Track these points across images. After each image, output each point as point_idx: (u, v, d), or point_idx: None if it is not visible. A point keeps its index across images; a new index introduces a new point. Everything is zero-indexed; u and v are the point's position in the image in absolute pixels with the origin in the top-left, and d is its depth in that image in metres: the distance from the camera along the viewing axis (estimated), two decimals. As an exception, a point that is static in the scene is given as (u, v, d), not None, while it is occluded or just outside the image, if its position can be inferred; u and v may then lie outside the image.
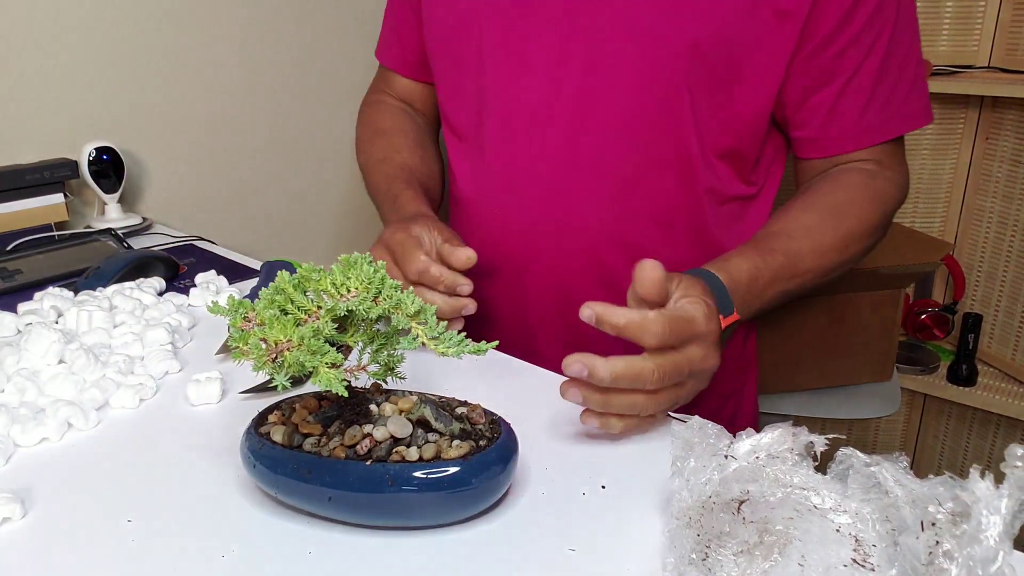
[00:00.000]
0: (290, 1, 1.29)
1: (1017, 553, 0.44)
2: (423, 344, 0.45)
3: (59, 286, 0.80)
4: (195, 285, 0.83)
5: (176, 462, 0.54)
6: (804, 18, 0.71)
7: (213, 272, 0.86)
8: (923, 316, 1.70)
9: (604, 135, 0.77)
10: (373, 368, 0.48)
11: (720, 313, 0.60)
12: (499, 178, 0.83)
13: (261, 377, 0.59)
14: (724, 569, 0.39)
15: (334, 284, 0.44)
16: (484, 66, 0.81)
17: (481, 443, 0.46)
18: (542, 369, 0.66)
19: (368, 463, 0.44)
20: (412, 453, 0.45)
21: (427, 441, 0.46)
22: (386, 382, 0.49)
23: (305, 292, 0.45)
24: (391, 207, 0.84)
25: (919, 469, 1.83)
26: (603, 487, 0.50)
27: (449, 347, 0.44)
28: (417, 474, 0.44)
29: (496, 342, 0.47)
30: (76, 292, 0.79)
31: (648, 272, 0.55)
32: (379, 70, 1.04)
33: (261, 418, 0.50)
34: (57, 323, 0.72)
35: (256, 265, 0.93)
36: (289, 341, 0.43)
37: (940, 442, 1.79)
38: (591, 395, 0.53)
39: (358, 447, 0.45)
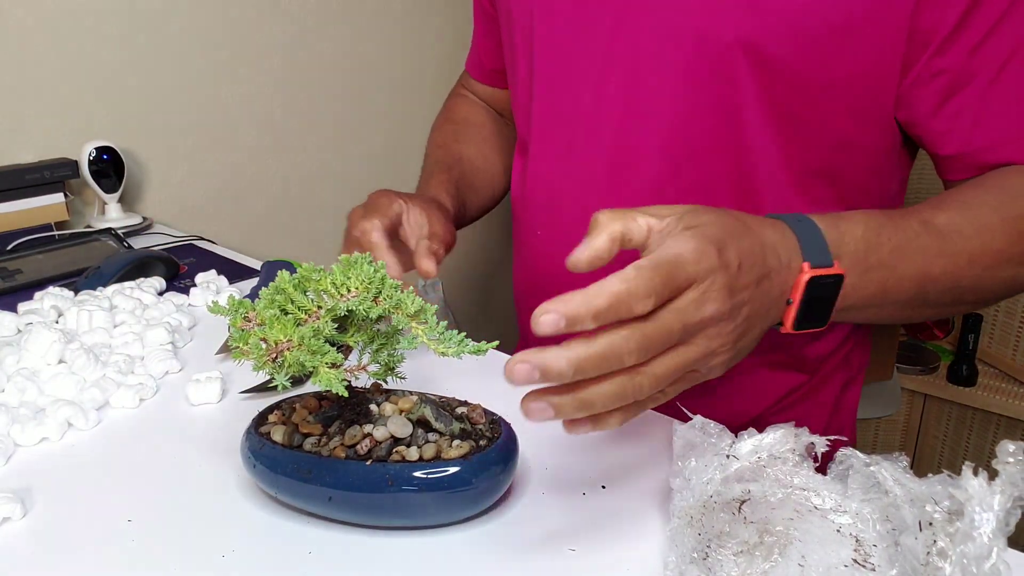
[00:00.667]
0: (289, 2, 1.29)
1: (1011, 551, 0.44)
2: (424, 344, 0.45)
3: (59, 286, 0.80)
4: (195, 285, 0.83)
5: (176, 462, 0.54)
6: (908, 16, 0.58)
7: (213, 272, 0.86)
8: (923, 316, 1.70)
9: (648, 149, 0.67)
10: (373, 368, 0.48)
11: (807, 260, 0.47)
12: (541, 200, 0.78)
13: (261, 377, 0.59)
14: (724, 569, 0.39)
15: (334, 284, 0.44)
16: (533, 73, 0.75)
17: (481, 443, 0.46)
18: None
19: (368, 463, 0.44)
20: (412, 453, 0.45)
21: (427, 441, 0.46)
22: (386, 382, 0.49)
23: (305, 292, 0.45)
24: (424, 183, 0.82)
25: (919, 469, 1.83)
26: (603, 487, 0.50)
27: (449, 347, 0.44)
28: (417, 474, 0.44)
29: (496, 342, 0.47)
30: (76, 292, 0.79)
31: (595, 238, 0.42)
32: (463, 76, 1.02)
33: (261, 418, 0.50)
34: (57, 323, 0.72)
35: (256, 265, 0.93)
36: (289, 341, 0.43)
37: (940, 442, 1.79)
38: (561, 401, 0.38)
39: (358, 447, 0.45)
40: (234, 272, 0.89)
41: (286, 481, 0.46)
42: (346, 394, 0.44)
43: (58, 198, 1.02)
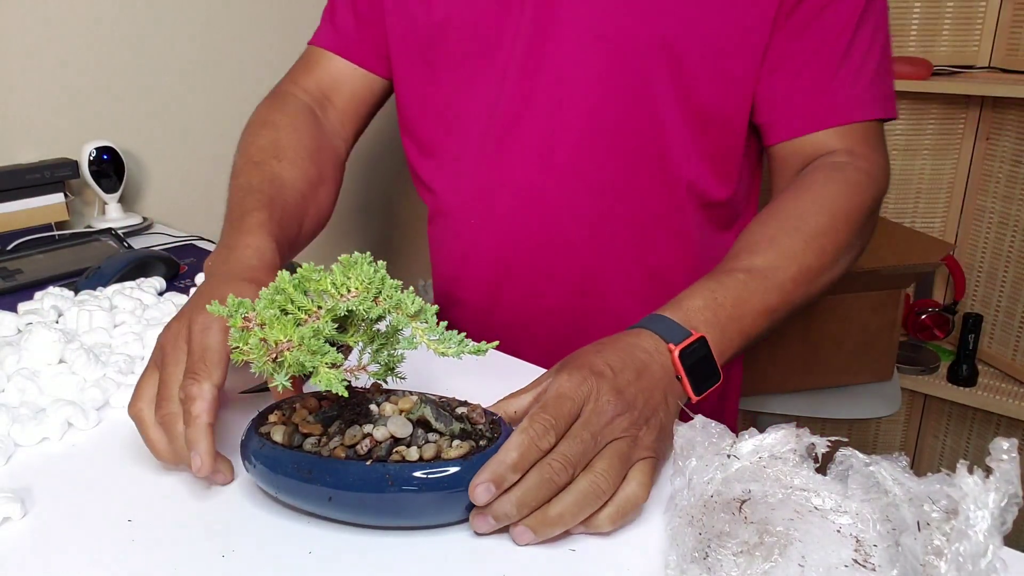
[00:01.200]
0: (289, 2, 1.29)
1: (1009, 550, 0.44)
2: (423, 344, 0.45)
3: (59, 286, 0.80)
4: (195, 285, 0.83)
5: (176, 462, 0.54)
6: (775, 9, 0.70)
7: (213, 272, 0.86)
8: (923, 316, 1.70)
9: (579, 138, 0.75)
10: (373, 368, 0.48)
11: (669, 342, 0.55)
12: (474, 189, 0.81)
13: (261, 377, 0.59)
14: (724, 569, 0.39)
15: (334, 284, 0.44)
16: (455, 76, 0.79)
17: (481, 443, 0.46)
18: (542, 370, 0.66)
19: (368, 463, 0.44)
20: (412, 453, 0.45)
21: (427, 441, 0.46)
22: (386, 382, 0.49)
23: (305, 292, 0.45)
24: (232, 228, 0.66)
25: (919, 469, 1.83)
26: (603, 487, 0.50)
27: (449, 347, 0.44)
28: (417, 474, 0.44)
29: (496, 342, 0.47)
30: (76, 292, 0.79)
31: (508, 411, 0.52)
32: (301, 61, 0.89)
33: (261, 418, 0.50)
34: (57, 323, 0.72)
35: (256, 265, 0.93)
36: (289, 341, 0.43)
37: (940, 442, 1.79)
38: (507, 505, 0.44)
39: (358, 447, 0.45)
40: (234, 272, 0.89)
41: (286, 481, 0.46)
42: (346, 394, 0.44)
43: (58, 198, 1.03)
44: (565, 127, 0.75)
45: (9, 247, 0.96)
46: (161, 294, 0.81)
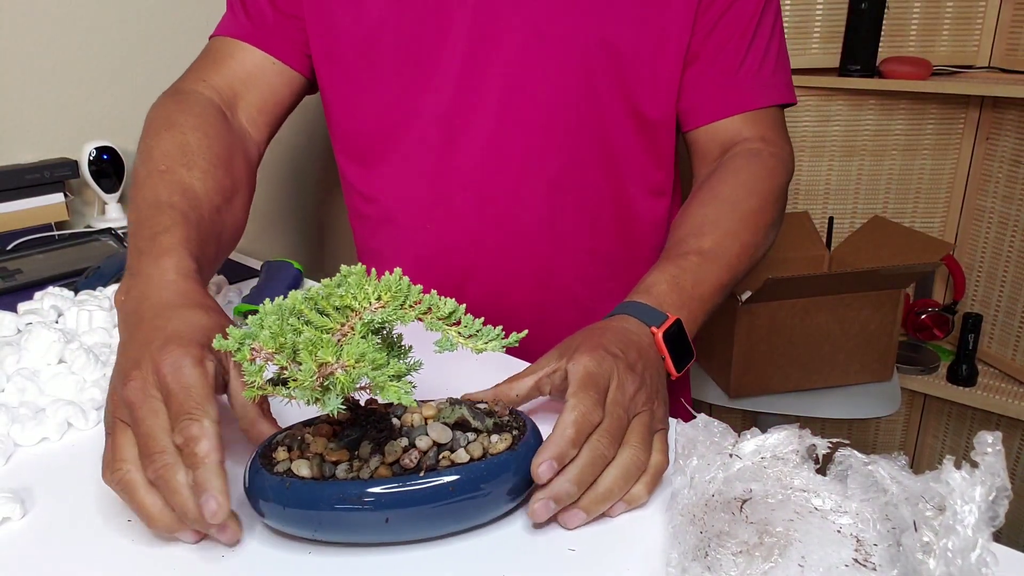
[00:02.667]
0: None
1: (1001, 546, 0.44)
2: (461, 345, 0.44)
3: (59, 286, 0.80)
4: (195, 285, 0.83)
5: (176, 462, 0.54)
6: (694, 10, 0.75)
7: (213, 272, 0.86)
8: (923, 316, 1.70)
9: (530, 135, 0.78)
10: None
11: (651, 325, 0.58)
12: (429, 195, 0.81)
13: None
14: (724, 568, 0.39)
15: (355, 298, 0.42)
16: (395, 81, 0.78)
17: (514, 433, 0.47)
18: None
19: (421, 474, 0.43)
20: (461, 455, 0.44)
21: (469, 441, 0.46)
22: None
23: (314, 308, 0.43)
24: (146, 251, 0.57)
25: (919, 469, 1.83)
26: (604, 487, 0.50)
27: (488, 343, 0.44)
28: (479, 473, 0.43)
29: (525, 331, 0.46)
30: (76, 292, 0.79)
31: (512, 393, 0.53)
32: (206, 54, 0.81)
33: (266, 459, 0.46)
34: (57, 323, 0.72)
35: (256, 265, 0.93)
36: (339, 362, 0.40)
37: (940, 442, 1.79)
38: (567, 484, 0.45)
39: (404, 461, 0.44)
40: (234, 272, 0.89)
41: (331, 515, 0.42)
42: (414, 404, 0.41)
43: (58, 198, 1.02)
44: (516, 125, 0.78)
45: (9, 247, 0.96)
46: (161, 294, 0.81)
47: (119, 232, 0.99)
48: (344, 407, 0.41)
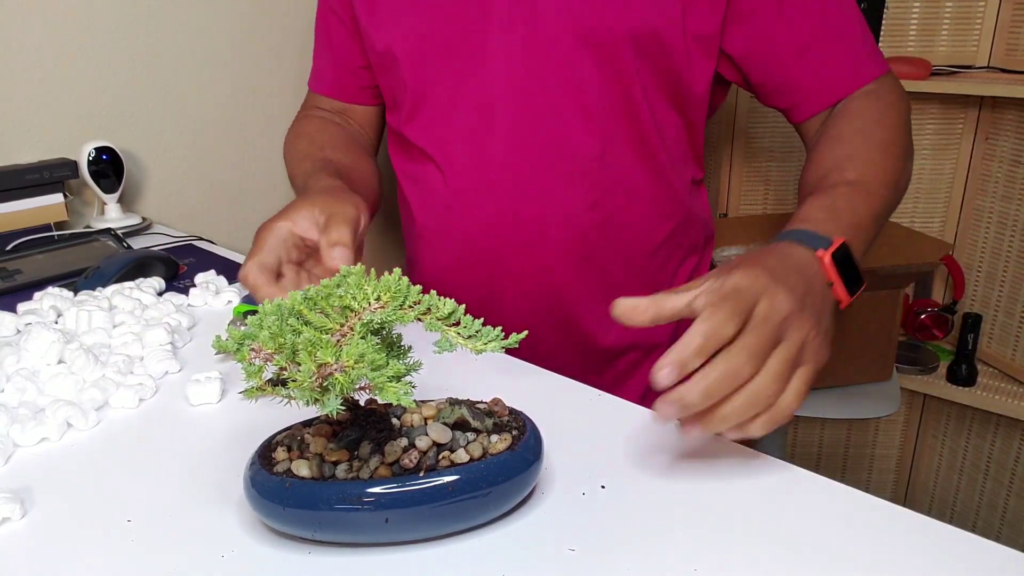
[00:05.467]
0: (289, 1, 1.29)
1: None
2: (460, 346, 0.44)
3: (59, 286, 0.80)
4: (195, 285, 0.83)
5: (176, 462, 0.54)
6: (680, 9, 0.76)
7: (212, 272, 0.86)
8: (923, 316, 1.70)
9: (563, 123, 0.80)
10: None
11: (817, 249, 0.56)
12: (470, 187, 0.84)
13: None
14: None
15: (355, 298, 0.42)
16: (439, 81, 0.83)
17: (514, 433, 0.47)
18: (539, 368, 0.66)
19: (421, 475, 0.43)
20: (461, 455, 0.44)
21: (469, 441, 0.46)
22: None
23: (313, 310, 0.42)
24: (302, 188, 0.77)
25: (919, 469, 1.83)
26: (603, 487, 0.50)
27: (487, 343, 0.43)
28: (478, 473, 0.43)
29: (525, 332, 0.46)
30: (76, 292, 0.79)
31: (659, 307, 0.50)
32: (308, 96, 1.03)
33: (264, 459, 0.46)
34: (57, 323, 0.72)
35: (256, 265, 0.93)
36: (338, 363, 0.40)
37: (940, 442, 1.79)
38: (695, 395, 0.44)
39: (403, 461, 0.44)
40: (234, 272, 0.89)
41: (331, 515, 0.43)
42: (413, 405, 0.41)
43: (58, 198, 1.02)
44: (550, 113, 0.80)
45: (8, 247, 0.96)
46: (160, 294, 0.81)
47: (118, 232, 0.99)
48: (344, 407, 0.41)
